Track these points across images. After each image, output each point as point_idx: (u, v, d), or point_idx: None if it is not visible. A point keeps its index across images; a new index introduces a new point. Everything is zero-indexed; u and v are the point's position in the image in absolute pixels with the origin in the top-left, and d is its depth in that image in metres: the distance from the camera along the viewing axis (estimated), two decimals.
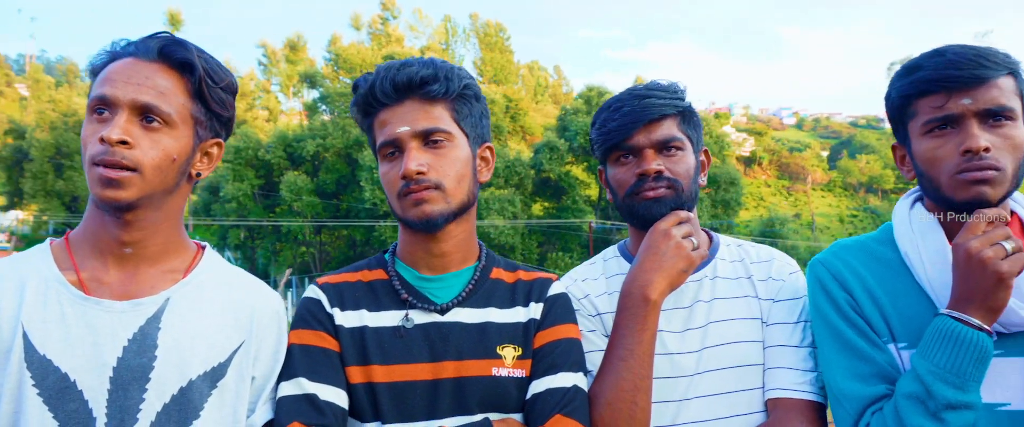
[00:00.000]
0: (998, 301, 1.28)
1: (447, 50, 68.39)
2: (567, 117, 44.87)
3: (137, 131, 1.26)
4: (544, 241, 40.44)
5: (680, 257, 1.52)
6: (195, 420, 1.29)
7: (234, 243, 40.79)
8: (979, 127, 1.35)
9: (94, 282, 1.30)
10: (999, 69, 1.36)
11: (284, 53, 66.93)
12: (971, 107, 1.35)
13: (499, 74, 71.00)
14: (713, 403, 1.54)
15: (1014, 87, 1.38)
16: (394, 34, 61.12)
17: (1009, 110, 1.35)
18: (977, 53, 1.36)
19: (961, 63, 1.35)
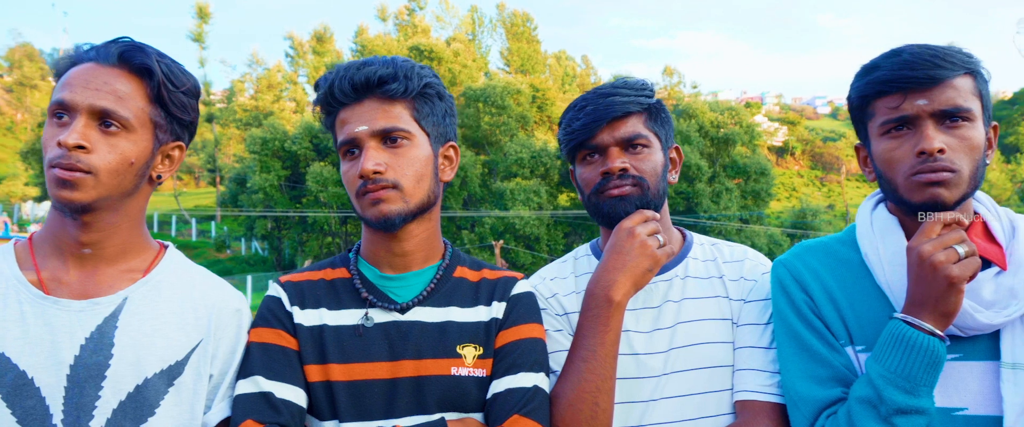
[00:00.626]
0: (949, 306, 1.26)
1: (473, 41, 68.13)
2: None
3: (95, 135, 1.29)
4: (570, 232, 40.07)
5: (644, 256, 1.49)
6: (151, 417, 1.31)
7: (260, 233, 41.06)
8: (935, 128, 1.33)
9: (54, 282, 1.33)
10: (956, 69, 1.33)
11: (311, 45, 67.21)
12: (927, 108, 1.33)
13: (526, 64, 70.66)
14: (681, 404, 1.53)
15: (972, 87, 1.36)
16: (420, 25, 61.08)
17: (965, 111, 1.33)
18: (934, 53, 1.33)
19: (916, 63, 1.33)
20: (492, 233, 37.05)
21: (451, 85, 49.28)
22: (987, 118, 1.40)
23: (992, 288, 1.34)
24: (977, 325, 1.33)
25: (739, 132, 44.59)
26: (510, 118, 44.95)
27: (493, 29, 72.98)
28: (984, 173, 1.39)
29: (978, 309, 1.32)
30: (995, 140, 1.43)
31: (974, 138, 1.34)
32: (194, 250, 41.95)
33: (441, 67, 49.65)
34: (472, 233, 37.79)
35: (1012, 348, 1.32)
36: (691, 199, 40.10)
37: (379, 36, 55.69)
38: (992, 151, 1.42)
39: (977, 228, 1.41)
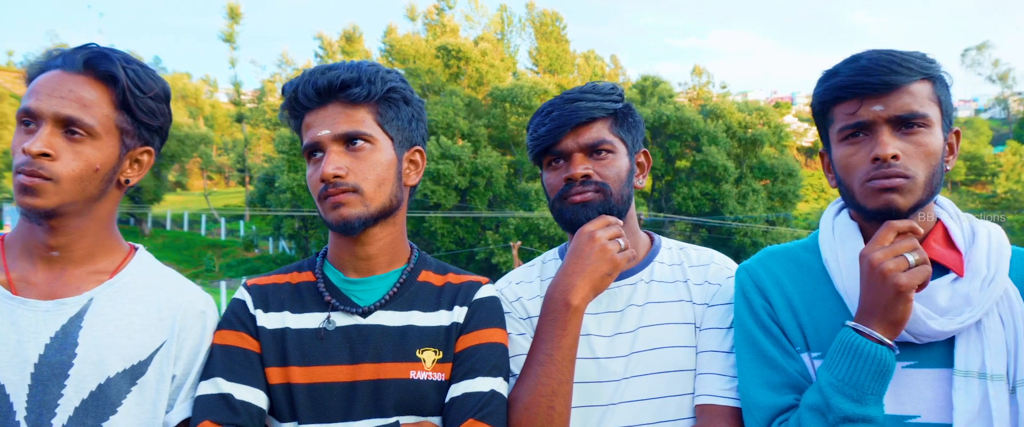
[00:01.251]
0: (897, 314, 1.25)
1: (502, 40, 68.16)
2: None
3: (60, 143, 1.31)
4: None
5: (604, 260, 1.49)
6: (112, 415, 1.34)
7: (288, 233, 41.47)
8: (891, 134, 1.33)
9: (22, 282, 1.36)
10: (912, 74, 1.33)
11: (340, 45, 67.72)
12: (882, 114, 1.33)
13: (554, 64, 70.48)
14: (640, 408, 1.53)
15: (930, 93, 1.35)
16: (449, 24, 61.20)
17: (921, 117, 1.33)
18: (891, 59, 1.33)
19: (873, 69, 1.33)
20: (516, 234, 37.05)
21: (479, 85, 49.29)
22: (947, 124, 1.39)
23: (948, 295, 1.34)
24: (930, 332, 1.32)
25: (767, 133, 44.04)
26: None
27: (522, 28, 72.93)
28: (943, 179, 1.38)
29: (931, 316, 1.31)
30: (957, 146, 1.42)
31: (931, 144, 1.34)
32: (223, 249, 42.50)
33: (469, 67, 49.70)
34: (496, 233, 37.82)
35: (966, 356, 1.31)
36: (717, 200, 39.74)
37: (407, 36, 55.90)
38: (954, 157, 1.41)
39: (937, 234, 1.41)
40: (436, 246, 37.46)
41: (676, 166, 43.81)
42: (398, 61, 50.87)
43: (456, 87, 47.28)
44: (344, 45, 68.07)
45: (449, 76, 49.31)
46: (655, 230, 21.87)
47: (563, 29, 73.53)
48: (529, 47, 71.51)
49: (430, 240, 38.85)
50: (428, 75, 48.15)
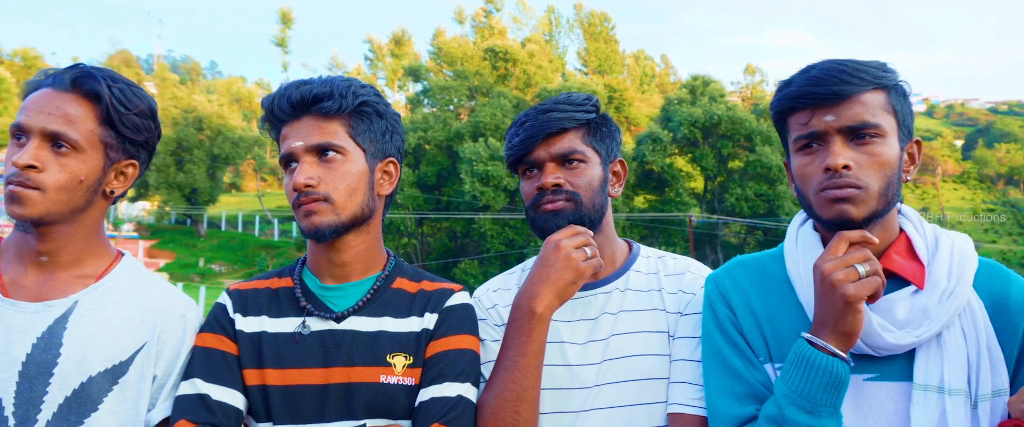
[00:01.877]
0: (848, 325, 1.26)
1: (550, 41, 67.93)
2: (671, 107, 43.63)
3: (47, 156, 1.41)
4: (646, 234, 39.40)
5: (568, 269, 1.50)
6: (94, 412, 1.41)
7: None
8: (843, 144, 1.34)
9: (13, 285, 1.45)
10: (864, 84, 1.33)
11: (389, 48, 68.31)
12: (834, 124, 1.33)
13: (603, 64, 70.08)
14: (611, 415, 1.55)
15: (884, 103, 1.35)
16: (497, 27, 61.24)
17: (874, 127, 1.33)
18: (842, 69, 1.33)
19: (823, 79, 1.33)
20: None
21: (526, 86, 49.15)
22: (904, 133, 1.38)
23: (906, 307, 1.33)
24: (886, 345, 1.31)
25: None
26: None
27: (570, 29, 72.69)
28: (899, 189, 1.37)
29: (888, 328, 1.31)
30: (919, 155, 1.41)
31: (884, 154, 1.33)
32: (276, 250, 43.21)
33: (516, 68, 49.60)
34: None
35: (925, 369, 1.30)
36: (772, 201, 38.86)
37: (455, 38, 56.06)
38: (914, 167, 1.41)
39: (900, 245, 1.40)
40: (485, 247, 37.40)
41: (729, 167, 42.99)
42: (446, 63, 51.08)
43: (504, 89, 47.20)
44: (393, 48, 68.70)
45: (497, 78, 49.29)
46: (709, 233, 21.76)
47: (612, 29, 73.02)
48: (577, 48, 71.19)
49: (480, 242, 38.82)
50: (476, 77, 48.24)
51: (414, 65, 54.71)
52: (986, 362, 1.31)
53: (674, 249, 35.18)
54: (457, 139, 41.95)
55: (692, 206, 40.48)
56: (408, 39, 70.37)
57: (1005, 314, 1.36)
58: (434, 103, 48.94)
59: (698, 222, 36.16)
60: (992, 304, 1.37)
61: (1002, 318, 1.36)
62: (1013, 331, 1.35)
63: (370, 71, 71.56)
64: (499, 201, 38.29)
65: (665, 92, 65.22)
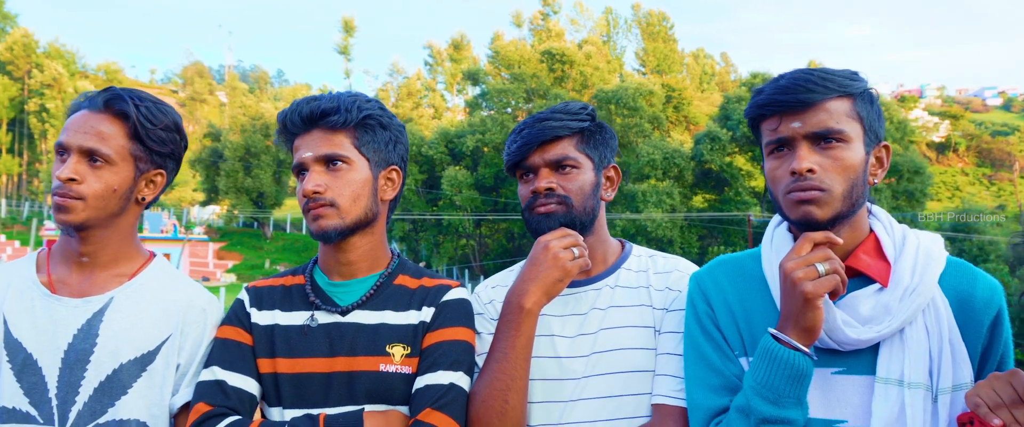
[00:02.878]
0: (807, 321, 1.31)
1: (608, 42, 67.76)
2: (730, 105, 42.96)
3: (84, 169, 1.58)
4: (705, 234, 38.98)
5: (556, 267, 1.60)
6: (124, 396, 1.57)
7: (399, 236, 42.68)
8: (809, 149, 1.39)
9: (59, 283, 1.63)
10: (829, 92, 1.39)
11: (448, 53, 69.07)
12: (800, 130, 1.40)
13: (662, 64, 69.37)
14: (599, 406, 1.63)
15: (849, 110, 1.41)
16: (555, 29, 61.35)
17: (837, 132, 1.39)
18: (809, 78, 1.40)
19: (790, 88, 1.40)
20: (623, 236, 36.70)
21: (583, 88, 49.16)
22: (871, 139, 1.44)
23: (870, 304, 1.38)
24: (850, 340, 1.37)
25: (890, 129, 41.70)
26: (642, 119, 44.28)
27: (628, 30, 72.27)
28: (865, 191, 1.42)
29: (851, 324, 1.37)
30: (887, 159, 1.47)
31: (848, 159, 1.39)
32: None
33: (573, 70, 49.68)
34: None
35: (887, 364, 1.36)
36: None
37: (512, 41, 56.40)
38: (882, 170, 1.46)
39: (868, 245, 1.46)
40: None
41: None
42: (503, 66, 51.47)
43: (561, 91, 47.32)
44: (452, 53, 69.41)
45: (553, 80, 49.42)
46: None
47: (670, 29, 72.27)
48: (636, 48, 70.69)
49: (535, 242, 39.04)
50: (533, 80, 48.44)
51: (473, 69, 55.24)
52: (948, 357, 1.35)
53: (734, 249, 34.75)
54: None
55: (752, 205, 39.80)
56: (467, 43, 71.00)
57: (970, 311, 1.40)
58: (492, 106, 49.36)
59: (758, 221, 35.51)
60: (957, 301, 1.41)
61: (967, 315, 1.40)
62: (977, 327, 1.39)
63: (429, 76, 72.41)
64: None
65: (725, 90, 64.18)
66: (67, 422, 1.53)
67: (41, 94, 54.32)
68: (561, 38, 59.22)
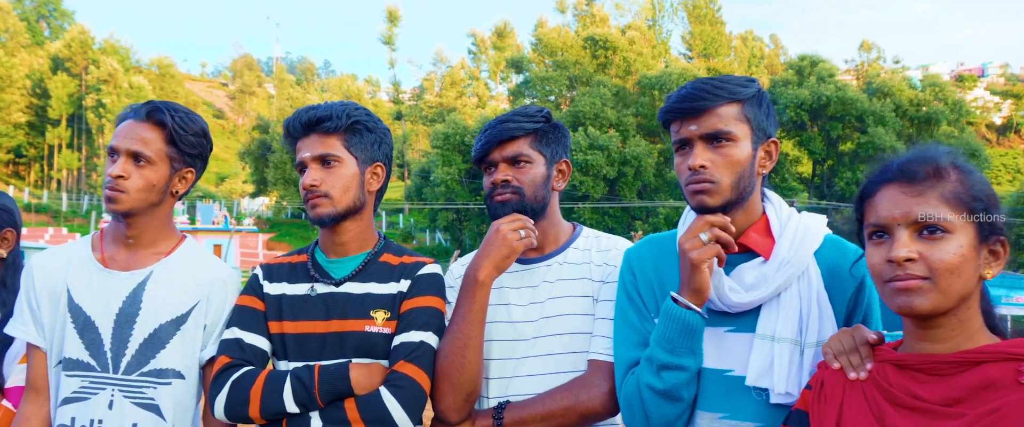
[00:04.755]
0: (696, 283, 1.57)
1: (653, 27, 66.94)
2: (776, 89, 42.21)
3: (131, 168, 1.92)
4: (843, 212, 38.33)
5: (504, 246, 1.89)
6: (162, 350, 1.92)
7: (443, 225, 43.12)
8: (703, 148, 1.62)
9: (111, 259, 1.99)
10: (719, 99, 1.61)
11: (492, 41, 69.18)
12: (696, 132, 1.62)
13: (709, 47, 68.22)
14: (544, 361, 1.94)
15: (738, 113, 1.63)
16: (599, 14, 60.94)
17: (726, 133, 1.61)
18: (703, 88, 1.62)
19: (687, 97, 1.63)
20: (666, 223, 36.45)
21: (627, 74, 48.75)
22: (759, 136, 1.66)
23: (754, 274, 1.64)
24: (734, 303, 1.62)
25: (943, 110, 40.49)
26: None
27: (674, 13, 71.23)
28: (753, 181, 1.66)
29: (737, 290, 1.63)
30: (776, 153, 1.70)
31: (736, 155, 1.61)
32: None
33: (616, 56, 49.33)
34: (646, 223, 37.41)
35: (764, 323, 1.61)
36: None
37: (556, 28, 56.16)
38: (771, 162, 1.69)
39: (759, 225, 1.69)
40: None
41: (838, 149, 41.34)
42: (546, 54, 51.35)
43: (604, 77, 47.06)
44: (495, 41, 69.43)
45: (597, 66, 49.16)
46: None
47: (718, 11, 70.93)
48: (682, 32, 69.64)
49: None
50: (576, 66, 48.28)
51: (516, 57, 55.23)
52: (815, 317, 1.59)
53: None
54: None
55: (799, 191, 39.17)
56: (511, 31, 70.85)
57: (838, 280, 1.63)
58: (535, 94, 49.37)
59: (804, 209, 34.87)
60: (828, 272, 1.63)
61: (835, 283, 1.63)
62: (843, 293, 1.63)
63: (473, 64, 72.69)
64: (598, 190, 38.37)
65: (774, 73, 62.89)
66: (119, 370, 1.89)
67: (98, 90, 56.17)
68: (605, 23, 58.78)
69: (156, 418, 1.88)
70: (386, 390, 1.80)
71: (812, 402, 1.39)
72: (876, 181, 1.34)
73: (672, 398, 1.61)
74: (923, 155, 1.31)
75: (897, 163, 1.33)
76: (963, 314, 1.26)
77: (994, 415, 1.15)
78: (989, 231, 1.26)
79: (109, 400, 1.88)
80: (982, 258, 1.26)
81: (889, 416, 1.25)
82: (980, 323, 1.28)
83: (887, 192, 1.30)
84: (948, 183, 1.27)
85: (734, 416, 1.61)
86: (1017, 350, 1.20)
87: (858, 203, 1.39)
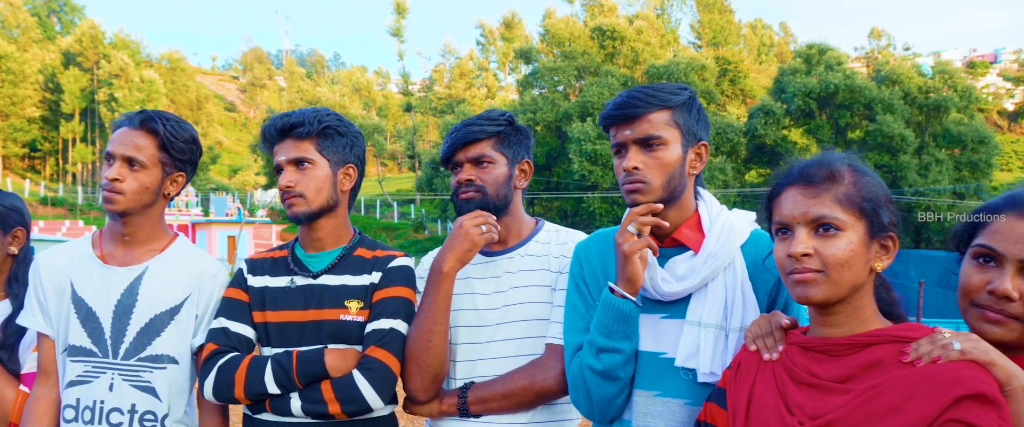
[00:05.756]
0: (628, 273, 1.71)
1: (662, 16, 66.66)
2: (784, 78, 42.07)
3: (125, 171, 2.08)
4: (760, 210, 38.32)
5: (466, 240, 2.03)
6: (157, 337, 2.09)
7: (454, 215, 43.04)
8: (636, 151, 1.76)
9: (109, 255, 2.16)
10: (651, 107, 1.74)
11: (500, 31, 69.10)
12: (630, 137, 1.76)
13: (718, 36, 67.99)
14: (507, 345, 2.09)
15: (668, 119, 1.76)
16: (607, 4, 60.70)
17: (656, 138, 1.74)
18: (636, 96, 1.75)
19: (621, 104, 1.77)
20: None
21: (634, 64, 48.60)
22: (689, 140, 1.79)
23: (685, 267, 1.78)
24: (668, 293, 1.76)
25: (952, 97, 40.19)
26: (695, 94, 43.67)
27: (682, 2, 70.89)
28: (684, 181, 1.79)
29: (669, 281, 1.77)
30: (706, 155, 1.84)
31: (665, 158, 1.75)
32: (395, 231, 45.17)
33: (624, 46, 49.19)
34: None
35: (694, 310, 1.75)
36: (895, 172, 36.89)
37: (564, 18, 56.03)
38: (701, 163, 1.83)
39: (692, 221, 1.83)
40: (595, 226, 37.62)
41: (847, 138, 41.11)
42: (554, 44, 51.28)
43: (612, 67, 46.97)
44: (504, 32, 69.37)
45: (604, 57, 49.05)
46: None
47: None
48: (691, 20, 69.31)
49: (589, 220, 39.12)
50: (583, 57, 48.19)
51: (525, 48, 55.13)
52: (739, 305, 1.73)
53: None
54: (565, 119, 42.16)
55: None
56: (519, 22, 70.67)
57: (761, 271, 1.76)
58: (543, 85, 49.37)
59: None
60: (752, 264, 1.77)
61: (759, 274, 1.76)
62: (765, 284, 1.76)
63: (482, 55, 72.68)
64: (607, 180, 38.36)
65: (784, 61, 62.53)
66: (119, 356, 2.06)
67: (110, 84, 56.55)
68: (613, 13, 58.53)
69: (152, 399, 2.06)
70: (358, 373, 1.95)
71: (730, 380, 1.54)
72: (781, 183, 1.47)
73: (609, 378, 1.76)
74: (821, 160, 1.44)
75: (798, 168, 1.46)
76: (856, 302, 1.39)
77: (875, 389, 1.29)
78: (879, 228, 1.39)
79: (110, 383, 2.05)
80: (872, 252, 1.39)
81: (790, 391, 1.40)
82: (873, 310, 1.42)
83: (789, 193, 1.43)
84: (842, 186, 1.39)
85: (666, 393, 1.76)
86: (902, 333, 1.35)
87: (767, 203, 1.51)
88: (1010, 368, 1.26)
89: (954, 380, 1.23)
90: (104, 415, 2.04)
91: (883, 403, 1.27)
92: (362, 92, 68.32)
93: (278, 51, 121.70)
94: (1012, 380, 1.25)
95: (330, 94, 53.63)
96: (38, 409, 2.08)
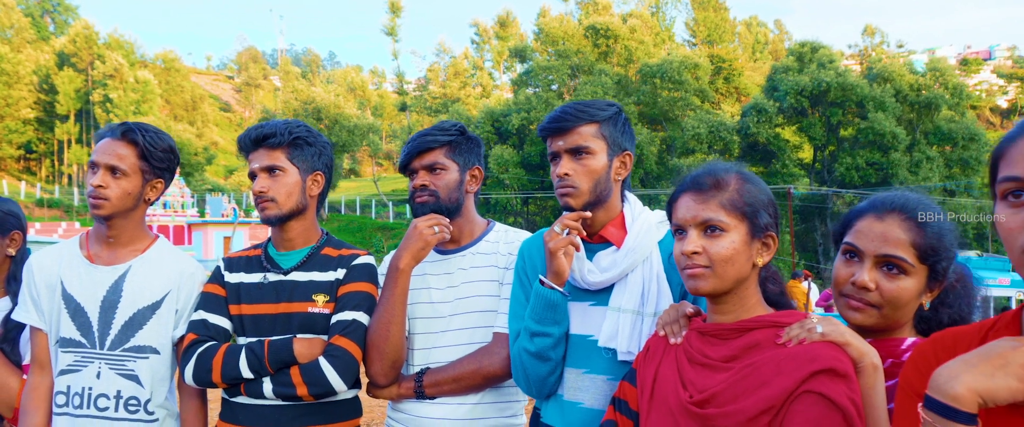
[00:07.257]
0: (554, 267, 1.92)
1: (656, 14, 66.78)
2: (777, 76, 42.20)
3: (109, 179, 2.26)
4: None
5: (420, 240, 2.24)
6: (140, 330, 2.27)
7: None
8: (568, 160, 1.97)
9: (96, 256, 2.34)
10: (580, 121, 1.96)
11: (494, 30, 69.14)
12: (562, 147, 1.97)
13: (713, 34, 67.98)
14: (459, 335, 2.30)
15: (595, 132, 1.97)
16: (601, 2, 60.85)
17: (585, 147, 1.95)
18: (568, 111, 1.97)
19: (555, 118, 1.98)
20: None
21: (628, 62, 48.72)
22: (614, 150, 2.00)
23: (608, 260, 1.98)
24: (593, 283, 1.97)
25: (943, 95, 40.44)
26: (688, 93, 43.86)
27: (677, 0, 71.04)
28: (610, 186, 1.99)
29: (594, 272, 1.97)
30: (630, 163, 2.04)
31: (592, 166, 1.96)
32: (391, 231, 45.20)
33: (617, 45, 49.35)
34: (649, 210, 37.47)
35: (615, 297, 1.96)
36: (886, 170, 37.14)
37: (559, 17, 56.13)
38: (626, 170, 2.03)
39: (617, 220, 2.03)
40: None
41: (839, 135, 41.37)
42: (548, 43, 51.40)
43: (605, 66, 47.12)
44: (498, 30, 69.35)
45: (598, 55, 49.19)
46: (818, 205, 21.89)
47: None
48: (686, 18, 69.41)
49: None
50: (577, 56, 48.30)
51: (519, 46, 55.19)
52: (654, 293, 1.93)
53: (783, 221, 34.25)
54: None
55: (800, 177, 39.23)
56: (513, 20, 70.67)
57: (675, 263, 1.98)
58: (537, 83, 49.49)
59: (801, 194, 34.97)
60: (668, 258, 1.96)
61: (673, 267, 1.91)
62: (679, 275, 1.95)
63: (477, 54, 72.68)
64: None
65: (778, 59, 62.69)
66: (105, 346, 2.24)
67: (104, 85, 56.47)
68: (607, 11, 58.63)
69: (136, 386, 2.24)
70: (324, 360, 2.14)
71: (640, 361, 1.74)
72: (678, 190, 1.66)
73: (542, 358, 1.97)
74: (710, 170, 1.63)
75: (691, 176, 1.64)
76: (741, 292, 1.58)
77: (750, 367, 1.49)
78: (759, 229, 1.58)
79: (97, 371, 2.23)
80: (754, 250, 1.58)
81: (686, 370, 1.60)
82: (757, 299, 1.61)
83: (683, 199, 1.62)
84: (727, 192, 1.58)
85: (593, 370, 1.97)
86: (779, 319, 1.55)
87: (668, 207, 1.70)
88: (863, 348, 1.46)
89: (811, 357, 1.42)
90: (92, 400, 2.22)
91: (756, 378, 1.46)
92: (357, 91, 68.28)
93: (273, 51, 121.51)
94: (864, 358, 1.45)
95: (325, 94, 53.58)
96: (35, 397, 2.25)
